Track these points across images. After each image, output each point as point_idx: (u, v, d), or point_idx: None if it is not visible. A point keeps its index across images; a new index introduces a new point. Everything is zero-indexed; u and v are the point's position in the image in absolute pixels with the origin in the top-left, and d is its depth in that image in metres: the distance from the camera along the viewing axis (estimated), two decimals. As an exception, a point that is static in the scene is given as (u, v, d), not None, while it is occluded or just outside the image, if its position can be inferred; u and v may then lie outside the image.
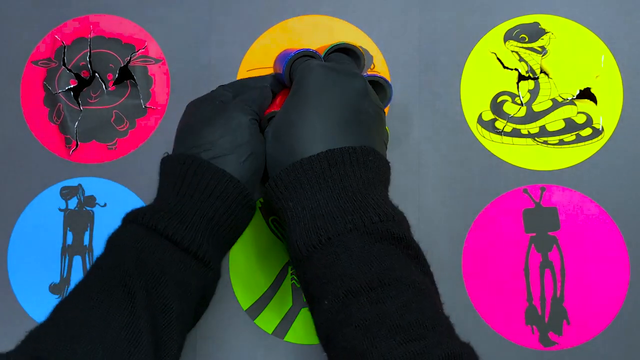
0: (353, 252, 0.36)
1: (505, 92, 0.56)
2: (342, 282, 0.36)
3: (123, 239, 0.41)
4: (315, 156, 0.39)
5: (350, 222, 0.37)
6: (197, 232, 0.40)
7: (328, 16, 0.58)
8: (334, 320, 0.36)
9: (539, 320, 0.54)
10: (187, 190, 0.41)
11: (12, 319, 0.57)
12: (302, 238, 0.38)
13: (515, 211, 0.55)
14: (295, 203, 0.39)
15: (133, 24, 0.59)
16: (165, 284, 0.38)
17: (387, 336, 0.34)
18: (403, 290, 0.35)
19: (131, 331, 0.36)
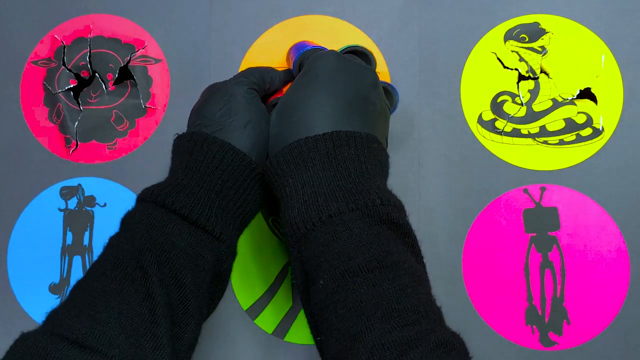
0: (353, 231, 0.36)
1: (505, 92, 0.56)
2: (340, 261, 0.36)
3: (134, 217, 0.41)
4: (321, 135, 0.39)
5: (353, 202, 0.37)
6: (205, 205, 0.40)
7: (328, 16, 0.58)
8: (328, 301, 0.36)
9: (539, 320, 0.54)
10: (194, 165, 0.42)
11: (12, 319, 0.57)
12: (302, 215, 0.38)
13: (515, 211, 0.55)
14: (295, 180, 0.39)
15: (133, 24, 0.59)
16: (176, 257, 0.39)
17: (382, 319, 0.33)
18: (401, 274, 0.35)
19: (146, 306, 0.37)
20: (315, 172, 0.39)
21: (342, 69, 0.43)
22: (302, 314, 0.55)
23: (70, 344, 0.35)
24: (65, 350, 0.34)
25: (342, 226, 0.37)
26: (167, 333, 0.37)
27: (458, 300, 0.54)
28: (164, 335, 0.37)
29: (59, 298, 0.58)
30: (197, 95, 0.58)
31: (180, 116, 0.58)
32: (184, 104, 0.58)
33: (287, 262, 0.56)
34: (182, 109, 0.58)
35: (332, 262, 0.36)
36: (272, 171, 0.41)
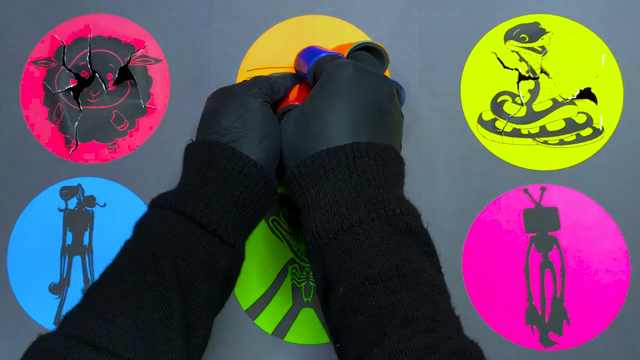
0: (374, 240, 0.37)
1: (505, 92, 0.56)
2: (361, 269, 0.36)
3: (151, 223, 0.42)
4: (342, 147, 0.40)
5: (374, 212, 0.38)
6: (222, 215, 0.42)
7: (328, 16, 0.58)
8: (348, 308, 0.37)
9: (539, 320, 0.54)
10: (213, 174, 0.43)
11: (12, 319, 0.57)
12: (323, 224, 0.39)
13: (515, 211, 0.55)
14: (317, 190, 0.40)
15: (133, 24, 0.59)
16: (193, 265, 0.40)
17: (400, 326, 0.34)
18: (420, 283, 0.36)
19: (163, 311, 0.37)
20: (336, 182, 0.40)
21: (361, 80, 0.43)
22: (302, 314, 0.55)
23: (87, 346, 0.35)
24: (83, 352, 0.35)
25: (363, 235, 0.37)
26: (182, 337, 0.38)
27: (458, 300, 0.53)
28: (179, 339, 0.38)
29: (59, 298, 0.58)
30: (197, 95, 0.58)
31: (180, 116, 0.58)
32: (184, 104, 0.58)
33: (287, 262, 0.56)
34: (182, 109, 0.58)
35: (353, 270, 0.37)
36: (294, 182, 0.42)
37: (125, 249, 0.42)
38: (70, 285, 0.58)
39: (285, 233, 0.56)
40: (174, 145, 0.57)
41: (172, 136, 0.58)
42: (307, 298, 0.55)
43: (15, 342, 0.38)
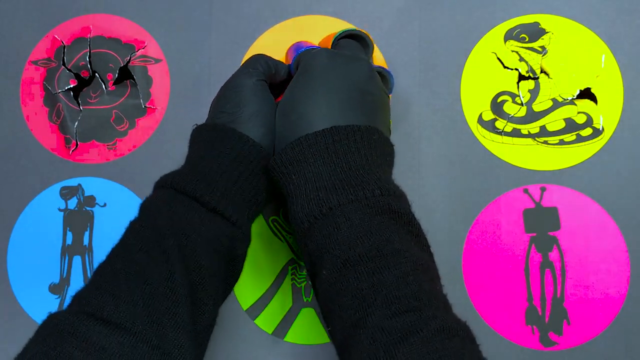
0: (353, 222, 0.37)
1: (505, 92, 0.56)
2: (341, 251, 0.37)
3: (155, 203, 0.43)
4: (320, 132, 0.40)
5: (352, 194, 0.38)
6: (223, 193, 0.42)
7: (328, 16, 0.58)
8: (331, 291, 0.37)
9: (539, 320, 0.54)
10: (214, 154, 0.44)
11: (12, 319, 0.57)
12: (304, 210, 0.39)
13: (515, 211, 0.55)
14: (297, 177, 0.40)
15: (133, 24, 0.59)
16: (196, 241, 0.40)
17: (382, 306, 0.34)
18: (401, 262, 0.36)
19: (168, 287, 0.38)
20: (316, 167, 0.40)
21: (335, 65, 0.44)
22: (302, 314, 0.55)
23: (96, 321, 0.36)
24: (92, 325, 0.36)
25: (342, 217, 0.38)
26: (188, 312, 0.39)
27: (458, 300, 0.54)
28: (185, 314, 0.38)
29: (59, 298, 0.58)
30: (197, 95, 0.58)
31: (180, 116, 0.58)
32: (184, 104, 0.58)
33: (287, 262, 0.56)
34: (182, 109, 0.58)
35: (334, 253, 0.37)
36: (277, 169, 0.42)
37: (130, 229, 0.42)
38: (70, 285, 0.58)
39: (285, 233, 0.56)
40: (174, 145, 0.57)
41: (172, 136, 0.58)
42: (307, 298, 0.55)
43: (15, 342, 0.38)
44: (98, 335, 0.35)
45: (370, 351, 0.33)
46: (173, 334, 0.37)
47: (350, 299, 0.35)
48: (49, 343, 0.35)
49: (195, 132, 0.47)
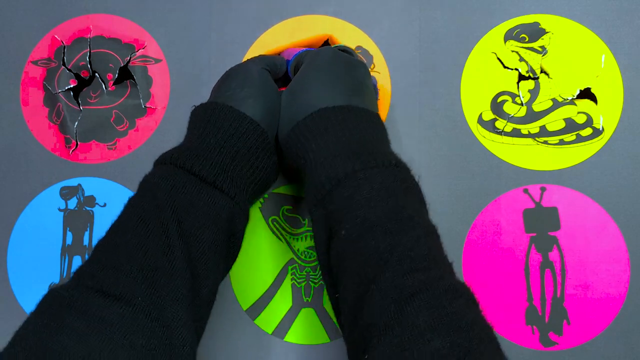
0: (373, 186, 0.40)
1: (505, 92, 0.56)
2: (362, 211, 0.39)
3: (153, 179, 0.43)
4: (338, 106, 0.44)
5: (373, 161, 0.41)
6: (220, 168, 0.43)
7: (328, 16, 0.58)
8: (349, 250, 0.39)
9: (539, 320, 0.54)
10: (211, 131, 0.45)
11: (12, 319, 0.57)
12: (327, 173, 0.41)
13: (515, 211, 0.55)
14: (319, 143, 0.43)
15: (133, 24, 0.59)
16: (195, 215, 0.41)
17: (396, 264, 0.36)
18: (414, 227, 0.38)
19: (167, 260, 0.39)
20: (336, 136, 0.43)
21: (339, 59, 0.48)
22: (302, 314, 0.55)
23: (96, 293, 0.37)
24: (91, 298, 0.36)
25: (364, 180, 0.40)
26: (187, 286, 0.39)
27: (458, 300, 0.54)
28: (183, 287, 0.39)
29: (59, 298, 0.58)
30: (197, 95, 0.58)
31: (180, 116, 0.58)
32: (184, 104, 0.58)
33: (287, 262, 0.56)
34: (182, 109, 0.58)
35: (355, 213, 0.39)
36: (295, 139, 0.44)
37: (128, 205, 0.43)
38: (70, 285, 0.58)
39: (285, 233, 0.56)
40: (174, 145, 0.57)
41: (172, 136, 0.58)
42: (307, 298, 0.55)
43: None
44: (98, 306, 0.36)
45: (383, 306, 0.35)
46: (172, 306, 0.38)
47: (368, 257, 0.37)
48: (49, 315, 0.36)
49: (194, 111, 0.48)
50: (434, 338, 0.33)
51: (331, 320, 0.55)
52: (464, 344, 0.33)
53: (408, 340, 0.33)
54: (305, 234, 0.56)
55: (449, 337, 0.33)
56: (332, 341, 0.55)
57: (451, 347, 0.32)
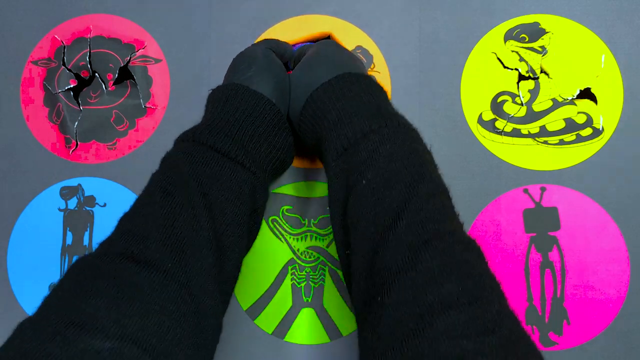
0: (396, 142, 0.42)
1: (505, 92, 0.56)
2: (384, 163, 0.41)
3: (176, 155, 0.44)
4: (355, 73, 0.46)
5: (395, 121, 0.43)
6: (240, 145, 0.45)
7: (328, 16, 0.58)
8: (368, 200, 0.40)
9: (539, 320, 0.54)
10: (230, 110, 0.46)
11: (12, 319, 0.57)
12: (352, 128, 0.43)
13: (515, 211, 0.55)
14: (339, 106, 0.45)
15: (133, 24, 0.59)
16: (219, 188, 0.42)
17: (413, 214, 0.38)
18: (429, 183, 0.40)
19: (194, 231, 0.40)
20: (359, 97, 0.45)
21: (342, 49, 0.50)
22: (302, 314, 0.55)
23: (126, 259, 0.37)
24: (122, 264, 0.36)
25: (387, 136, 0.42)
26: (213, 258, 0.40)
27: (458, 300, 0.54)
28: (210, 258, 0.40)
29: (59, 298, 0.58)
30: (197, 95, 0.58)
31: (180, 116, 0.58)
32: (184, 104, 0.58)
33: (287, 262, 0.56)
34: (182, 109, 0.58)
35: (377, 164, 0.41)
36: (313, 105, 0.46)
37: (152, 180, 0.43)
38: (70, 285, 0.58)
39: (285, 233, 0.56)
40: (174, 145, 0.57)
41: (172, 136, 0.58)
42: (307, 298, 0.55)
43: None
44: (129, 272, 0.36)
45: (398, 251, 0.37)
46: (199, 277, 0.38)
47: (386, 206, 0.39)
48: (80, 281, 0.36)
49: (212, 93, 0.49)
50: (445, 282, 0.34)
51: (331, 320, 0.55)
52: (475, 290, 0.34)
53: (422, 283, 0.35)
54: (305, 234, 0.56)
55: (460, 282, 0.34)
56: (332, 341, 0.55)
57: (462, 292, 0.34)
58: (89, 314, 0.33)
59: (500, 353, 0.31)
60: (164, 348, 0.35)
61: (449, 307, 0.33)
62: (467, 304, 0.33)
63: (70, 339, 0.31)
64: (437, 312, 0.33)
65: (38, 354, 0.30)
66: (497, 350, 0.31)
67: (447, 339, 0.32)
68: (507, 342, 0.32)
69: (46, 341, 0.31)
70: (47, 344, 0.31)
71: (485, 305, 0.34)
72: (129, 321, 0.34)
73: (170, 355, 0.35)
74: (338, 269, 0.56)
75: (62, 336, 0.32)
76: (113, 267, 0.36)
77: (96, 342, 0.32)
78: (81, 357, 0.31)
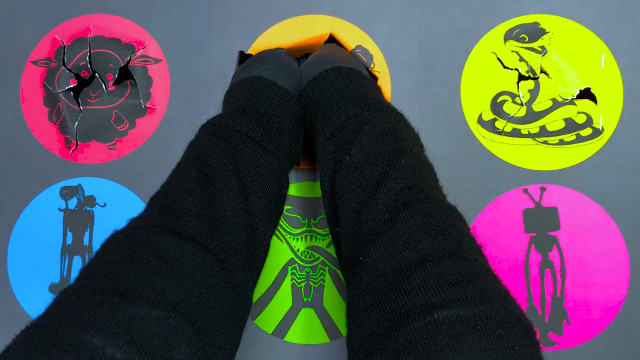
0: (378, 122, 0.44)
1: (505, 92, 0.56)
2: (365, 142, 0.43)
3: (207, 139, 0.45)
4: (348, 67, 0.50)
5: (384, 105, 0.46)
6: (271, 135, 0.47)
7: (328, 16, 0.58)
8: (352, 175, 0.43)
9: (539, 320, 0.54)
10: (258, 101, 0.48)
11: (12, 318, 0.57)
12: (338, 112, 0.46)
13: (515, 211, 0.55)
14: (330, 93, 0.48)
15: (133, 24, 0.59)
16: (252, 173, 0.44)
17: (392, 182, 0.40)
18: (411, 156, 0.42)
19: (231, 210, 0.41)
20: (347, 88, 0.48)
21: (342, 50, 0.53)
22: (302, 314, 0.55)
23: (168, 232, 0.38)
24: (165, 236, 0.37)
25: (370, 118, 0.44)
26: (246, 238, 0.41)
27: (458, 300, 0.54)
28: (244, 238, 0.41)
29: (59, 298, 0.58)
30: (197, 95, 0.58)
31: (180, 116, 0.58)
32: (184, 104, 0.58)
33: (287, 262, 0.56)
34: (182, 109, 0.58)
35: (359, 143, 0.43)
36: (310, 92, 0.49)
37: (187, 161, 0.44)
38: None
39: (285, 233, 0.56)
40: (174, 145, 0.57)
41: (172, 136, 0.58)
42: (307, 298, 0.55)
43: (16, 342, 0.38)
44: (172, 244, 0.37)
45: (377, 214, 0.39)
46: (235, 254, 0.40)
47: (368, 179, 0.41)
48: (121, 251, 0.36)
49: (238, 83, 0.51)
50: (423, 239, 0.35)
51: (331, 320, 0.55)
52: (453, 247, 0.35)
53: (400, 242, 0.36)
54: (305, 234, 0.56)
55: (437, 240, 0.35)
56: (332, 341, 0.55)
57: (439, 247, 0.35)
58: (135, 283, 0.34)
59: (476, 301, 0.31)
60: (204, 320, 0.36)
61: (425, 260, 0.34)
62: (443, 257, 0.34)
63: (118, 305, 0.32)
64: (413, 266, 0.34)
65: (87, 318, 0.31)
66: (473, 299, 0.31)
67: (423, 290, 0.32)
68: (483, 292, 0.32)
69: (94, 307, 0.32)
70: (95, 309, 0.31)
71: (462, 260, 0.34)
72: (172, 292, 0.35)
73: (209, 328, 0.36)
74: (338, 269, 0.56)
75: (110, 303, 0.32)
76: (155, 239, 0.37)
77: (142, 310, 0.32)
78: (129, 323, 0.31)
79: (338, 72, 0.50)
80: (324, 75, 0.50)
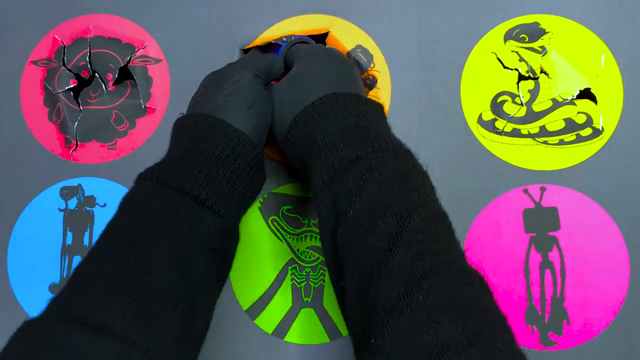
0: (386, 168, 0.39)
1: (505, 92, 0.56)
2: (372, 193, 0.38)
3: (142, 198, 0.41)
4: (343, 93, 0.44)
5: (385, 145, 0.41)
6: (218, 190, 0.41)
7: (328, 16, 0.58)
8: (357, 232, 0.38)
9: (539, 320, 0.54)
10: (207, 148, 0.42)
11: (12, 319, 0.57)
12: (337, 154, 0.41)
13: (515, 211, 0.55)
14: (326, 128, 0.42)
15: (133, 24, 0.59)
16: (192, 240, 0.39)
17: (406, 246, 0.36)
18: (425, 210, 0.38)
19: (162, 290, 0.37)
20: (345, 121, 0.42)
21: (336, 55, 0.50)
22: (302, 314, 0.55)
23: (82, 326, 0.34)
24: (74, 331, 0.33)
25: (376, 162, 0.40)
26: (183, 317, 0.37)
27: (458, 300, 0.54)
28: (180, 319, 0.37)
29: (59, 298, 0.57)
30: (197, 95, 0.58)
31: (180, 116, 0.58)
32: (184, 104, 0.58)
33: (287, 262, 0.56)
34: (182, 109, 0.58)
35: (365, 194, 0.38)
36: (301, 124, 0.43)
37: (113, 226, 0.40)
38: (70, 285, 0.58)
39: (285, 233, 0.56)
40: (174, 145, 0.57)
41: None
42: (307, 298, 0.55)
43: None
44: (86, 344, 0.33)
45: (391, 288, 0.34)
46: (165, 340, 0.36)
47: (377, 239, 0.37)
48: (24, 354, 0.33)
49: (181, 121, 0.45)
50: (444, 321, 0.32)
51: (331, 320, 0.55)
52: (477, 327, 0.32)
53: (417, 323, 0.32)
54: (305, 234, 0.56)
55: (460, 320, 0.32)
56: (332, 341, 0.55)
57: (462, 330, 0.31)
58: None
59: None
60: None
61: (447, 349, 0.30)
62: (468, 344, 0.31)
63: None
64: (434, 356, 0.30)
65: None
66: None
67: None
68: None
69: None
70: None
71: (487, 345, 0.31)
72: None
73: None
74: (338, 269, 0.56)
75: None
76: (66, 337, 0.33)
77: None
78: None
79: (334, 100, 0.43)
80: (318, 105, 0.43)
